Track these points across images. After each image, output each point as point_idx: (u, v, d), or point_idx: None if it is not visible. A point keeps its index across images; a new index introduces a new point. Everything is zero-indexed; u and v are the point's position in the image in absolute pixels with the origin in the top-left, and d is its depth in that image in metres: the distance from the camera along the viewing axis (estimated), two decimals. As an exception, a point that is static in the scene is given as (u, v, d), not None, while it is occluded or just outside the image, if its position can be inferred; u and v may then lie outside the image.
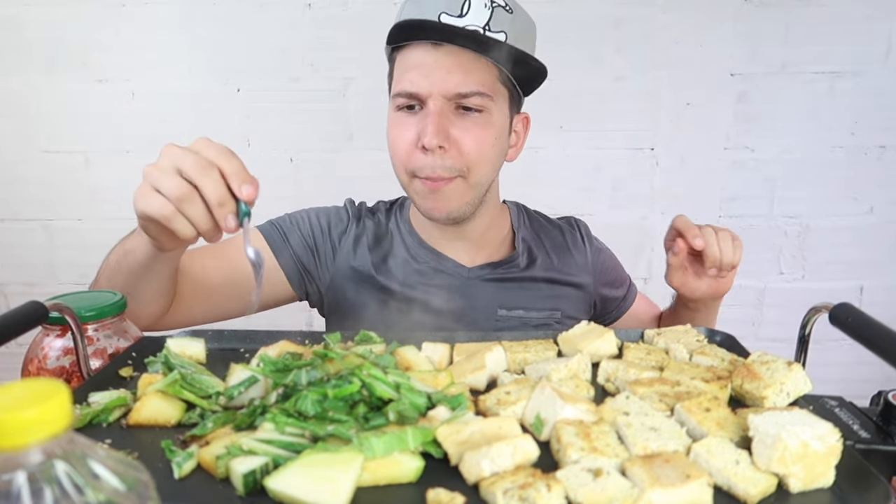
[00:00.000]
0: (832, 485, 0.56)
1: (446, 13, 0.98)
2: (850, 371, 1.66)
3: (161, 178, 0.71)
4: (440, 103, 0.99)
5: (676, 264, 1.05)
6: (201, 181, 0.70)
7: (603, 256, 1.32)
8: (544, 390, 0.66)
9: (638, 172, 2.13)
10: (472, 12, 0.98)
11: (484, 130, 1.03)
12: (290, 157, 2.11)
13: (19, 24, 1.99)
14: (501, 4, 1.01)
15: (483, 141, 1.03)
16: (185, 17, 2.00)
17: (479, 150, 1.03)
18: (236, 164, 0.71)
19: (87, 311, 0.91)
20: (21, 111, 2.06)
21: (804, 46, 2.02)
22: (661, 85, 2.07)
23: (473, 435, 0.60)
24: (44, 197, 2.12)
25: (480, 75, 1.00)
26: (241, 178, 0.71)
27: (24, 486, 0.33)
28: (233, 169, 0.71)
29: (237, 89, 2.05)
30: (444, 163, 1.01)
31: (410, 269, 1.16)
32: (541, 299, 1.20)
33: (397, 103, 1.04)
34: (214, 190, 0.70)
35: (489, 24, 0.99)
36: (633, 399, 0.69)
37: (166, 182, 0.71)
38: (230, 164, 0.71)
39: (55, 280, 2.17)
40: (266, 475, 0.53)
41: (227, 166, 0.71)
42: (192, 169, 0.70)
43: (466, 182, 1.05)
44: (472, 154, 1.02)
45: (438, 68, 0.98)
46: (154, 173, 0.72)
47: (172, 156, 0.72)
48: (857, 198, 2.15)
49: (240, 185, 0.71)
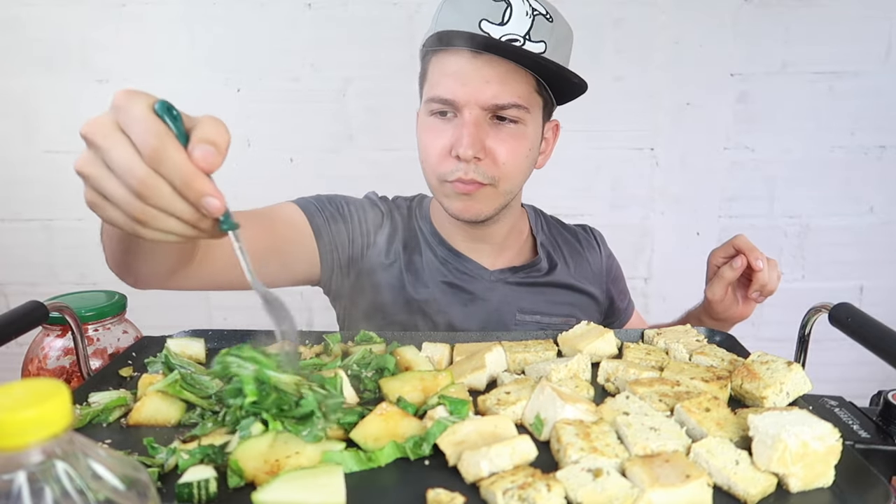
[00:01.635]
0: (832, 485, 0.56)
1: (487, 20, 0.96)
2: (850, 371, 1.66)
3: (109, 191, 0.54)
4: (476, 113, 0.98)
5: (731, 278, 1.06)
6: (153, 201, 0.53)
7: (615, 265, 1.35)
8: (544, 390, 0.66)
9: (638, 172, 2.13)
10: (514, 20, 0.96)
11: (518, 142, 1.03)
12: (289, 157, 2.10)
13: (19, 24, 1.99)
14: (542, 12, 0.99)
15: (517, 152, 1.03)
16: (185, 17, 2.00)
17: (513, 161, 1.03)
18: (180, 174, 0.52)
19: (87, 311, 0.91)
20: (21, 111, 2.05)
21: (804, 46, 2.02)
22: (660, 85, 2.07)
23: (470, 435, 0.60)
24: (44, 197, 2.11)
25: (518, 86, 0.99)
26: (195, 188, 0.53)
27: (25, 485, 0.33)
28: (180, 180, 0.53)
29: (237, 89, 2.05)
30: (477, 169, 1.00)
31: (434, 268, 1.16)
32: (558, 305, 1.21)
33: (431, 108, 1.02)
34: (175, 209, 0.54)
35: (530, 33, 0.97)
36: (633, 399, 0.69)
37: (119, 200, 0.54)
38: (175, 175, 0.52)
39: (55, 280, 2.17)
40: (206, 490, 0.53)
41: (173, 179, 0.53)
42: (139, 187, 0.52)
43: (496, 190, 1.05)
44: (506, 165, 1.02)
45: (476, 78, 0.97)
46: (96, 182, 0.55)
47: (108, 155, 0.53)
48: (857, 198, 2.15)
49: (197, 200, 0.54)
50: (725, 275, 1.06)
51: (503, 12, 0.96)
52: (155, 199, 0.53)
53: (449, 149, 1.01)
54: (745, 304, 1.10)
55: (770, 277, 1.04)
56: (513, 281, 1.18)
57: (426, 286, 1.14)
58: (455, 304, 1.14)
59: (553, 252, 1.25)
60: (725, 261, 1.07)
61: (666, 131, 2.10)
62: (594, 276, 1.28)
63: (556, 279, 1.21)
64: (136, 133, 0.52)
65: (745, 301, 1.10)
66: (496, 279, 1.17)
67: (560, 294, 1.22)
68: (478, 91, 0.97)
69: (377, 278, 1.15)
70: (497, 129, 1.01)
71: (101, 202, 0.56)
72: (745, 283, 1.08)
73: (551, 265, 1.22)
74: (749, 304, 1.11)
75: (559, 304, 1.21)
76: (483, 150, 0.99)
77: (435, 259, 1.16)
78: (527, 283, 1.19)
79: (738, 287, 1.10)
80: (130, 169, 0.52)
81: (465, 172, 1.00)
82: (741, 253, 1.04)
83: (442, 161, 1.02)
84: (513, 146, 1.02)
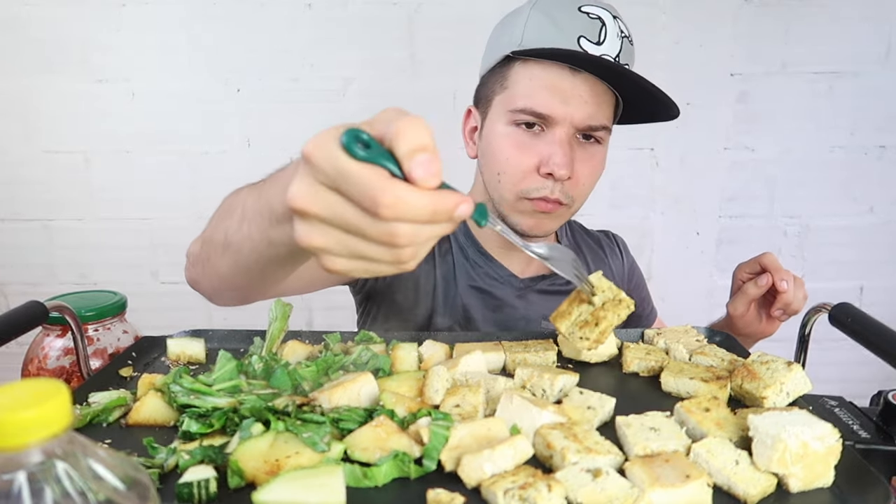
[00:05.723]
0: (832, 485, 0.56)
1: (586, 38, 0.95)
2: (850, 371, 1.66)
3: (360, 251, 0.49)
4: (570, 131, 0.97)
5: (755, 295, 1.04)
6: (406, 244, 0.48)
7: (637, 272, 1.35)
8: (513, 399, 0.66)
9: (638, 172, 2.13)
10: (608, 41, 0.96)
11: (598, 162, 1.03)
12: (290, 157, 2.09)
13: (19, 24, 1.99)
14: (627, 35, 1.00)
15: (596, 172, 1.04)
16: (185, 17, 2.00)
17: (591, 181, 1.03)
18: (423, 212, 0.46)
19: (87, 311, 0.91)
20: (21, 111, 2.05)
21: (804, 46, 2.02)
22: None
23: (464, 439, 0.60)
24: (44, 197, 2.11)
25: (608, 108, 1.00)
26: (442, 215, 0.47)
27: (25, 485, 0.33)
28: (426, 216, 0.46)
29: (237, 89, 2.05)
30: (562, 189, 0.99)
31: (464, 271, 1.14)
32: None
33: (516, 118, 0.99)
34: (427, 238, 0.49)
35: (619, 56, 0.97)
36: (587, 393, 0.71)
37: (372, 258, 0.49)
38: (419, 215, 0.46)
39: (55, 280, 2.17)
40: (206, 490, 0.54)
41: (419, 217, 0.46)
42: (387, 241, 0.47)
43: (570, 210, 1.05)
44: (586, 185, 1.03)
45: (575, 96, 0.95)
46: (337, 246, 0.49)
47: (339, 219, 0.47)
48: (856, 198, 2.15)
49: (448, 220, 0.48)
50: (749, 291, 1.04)
51: (599, 31, 0.96)
52: (407, 238, 0.47)
53: (537, 165, 0.98)
54: (768, 321, 1.07)
55: (795, 297, 1.01)
56: (540, 289, 1.18)
57: (455, 289, 1.13)
58: (482, 310, 1.13)
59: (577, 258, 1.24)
60: (751, 277, 1.04)
61: (666, 131, 2.10)
62: (616, 282, 1.27)
63: None
64: (349, 191, 0.46)
65: (768, 319, 1.07)
66: (525, 286, 1.16)
67: None
68: (576, 109, 0.96)
69: (408, 279, 1.13)
70: (582, 148, 1.00)
71: (343, 261, 0.49)
72: (770, 301, 1.05)
73: None
74: (773, 323, 1.08)
75: None
76: (572, 169, 0.98)
77: (466, 262, 1.15)
78: (552, 290, 1.18)
79: (762, 304, 1.07)
80: (366, 230, 0.46)
81: (552, 192, 0.99)
82: (767, 271, 1.02)
83: (527, 177, 0.99)
84: (594, 167, 1.02)
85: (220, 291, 0.78)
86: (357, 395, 0.69)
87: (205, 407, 0.66)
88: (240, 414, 0.63)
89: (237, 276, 0.71)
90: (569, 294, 1.17)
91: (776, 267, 1.02)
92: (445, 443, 0.58)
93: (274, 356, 0.81)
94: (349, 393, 0.68)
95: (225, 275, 0.72)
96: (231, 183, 0.76)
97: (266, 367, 0.76)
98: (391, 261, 0.49)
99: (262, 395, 0.68)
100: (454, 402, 0.68)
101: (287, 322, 0.86)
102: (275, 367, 0.75)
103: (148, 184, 2.09)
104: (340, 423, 0.62)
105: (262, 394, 0.69)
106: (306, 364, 0.78)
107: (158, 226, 2.12)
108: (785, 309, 1.03)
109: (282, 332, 0.85)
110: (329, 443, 0.59)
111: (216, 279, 0.75)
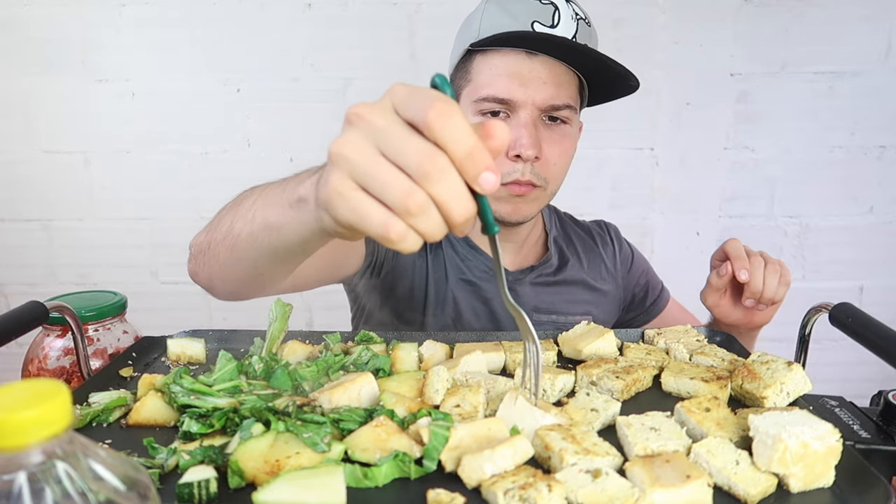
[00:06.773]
0: (832, 485, 0.56)
1: (539, 22, 0.97)
2: (850, 371, 1.66)
3: (376, 173, 0.47)
4: (534, 113, 0.99)
5: (718, 286, 1.02)
6: (432, 182, 0.46)
7: (632, 258, 1.33)
8: (516, 400, 0.66)
9: (638, 172, 2.13)
10: (562, 23, 0.97)
11: (567, 142, 1.04)
12: (290, 157, 2.10)
13: (19, 24, 1.99)
14: (583, 17, 1.01)
15: (566, 153, 1.04)
16: (185, 17, 2.00)
17: (563, 161, 1.04)
18: (467, 140, 0.46)
19: (87, 311, 0.91)
20: (21, 111, 2.05)
21: (804, 46, 2.02)
22: (660, 85, 2.06)
23: (464, 440, 0.60)
24: (44, 197, 2.11)
25: (570, 88, 1.01)
26: (477, 161, 0.47)
27: (25, 486, 0.33)
28: (465, 149, 0.46)
29: (237, 89, 2.05)
30: (533, 170, 1.00)
31: (454, 265, 1.15)
32: (574, 304, 1.20)
33: (481, 108, 1.00)
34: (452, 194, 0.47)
35: (576, 37, 0.98)
36: (594, 394, 0.70)
37: (387, 184, 0.46)
38: (461, 140, 0.46)
39: (55, 280, 2.17)
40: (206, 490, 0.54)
41: (457, 147, 0.46)
42: (417, 161, 0.46)
43: (545, 192, 1.05)
44: (557, 166, 1.03)
45: (534, 78, 0.97)
46: (362, 164, 0.47)
47: (382, 133, 0.47)
48: (856, 198, 2.15)
49: (477, 174, 0.47)
50: (712, 282, 1.02)
51: (552, 15, 0.97)
52: (434, 177, 0.46)
53: (506, 150, 0.99)
54: (748, 311, 1.03)
55: (768, 285, 0.97)
56: (530, 281, 1.18)
57: (445, 284, 1.14)
58: (473, 303, 1.14)
59: (566, 248, 1.24)
60: (719, 265, 1.02)
61: (666, 131, 2.10)
62: (610, 272, 1.27)
63: (569, 276, 1.21)
64: (417, 100, 0.46)
65: (745, 308, 1.02)
66: (515, 279, 1.17)
67: (575, 292, 1.21)
68: (536, 91, 0.97)
69: (403, 276, 1.14)
70: (549, 129, 1.02)
71: (355, 194, 0.47)
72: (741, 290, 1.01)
73: (562, 261, 1.22)
74: (754, 312, 1.03)
75: (575, 302, 1.20)
76: (540, 150, 1.00)
77: (456, 256, 1.16)
78: (541, 282, 1.18)
79: (735, 294, 1.04)
80: (409, 142, 0.46)
81: (523, 174, 1.00)
82: (728, 259, 0.99)
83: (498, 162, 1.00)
84: (563, 147, 1.03)
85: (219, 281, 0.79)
86: (357, 395, 0.69)
87: (205, 407, 0.66)
88: (240, 414, 0.63)
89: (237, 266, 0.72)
90: (553, 285, 1.17)
91: (736, 255, 0.99)
92: (445, 443, 0.58)
93: (274, 356, 0.81)
94: (349, 393, 0.68)
95: (225, 261, 0.73)
96: (231, 183, 0.76)
97: (266, 367, 0.76)
98: (400, 206, 0.46)
99: (263, 396, 0.68)
100: (454, 402, 0.68)
101: (287, 322, 0.86)
102: (275, 367, 0.75)
103: (148, 184, 2.09)
104: (341, 423, 0.62)
105: (262, 394, 0.69)
106: (306, 364, 0.78)
107: (158, 226, 2.12)
108: (756, 298, 0.99)
109: (282, 333, 0.85)
110: (329, 443, 0.59)
111: (216, 267, 0.76)
